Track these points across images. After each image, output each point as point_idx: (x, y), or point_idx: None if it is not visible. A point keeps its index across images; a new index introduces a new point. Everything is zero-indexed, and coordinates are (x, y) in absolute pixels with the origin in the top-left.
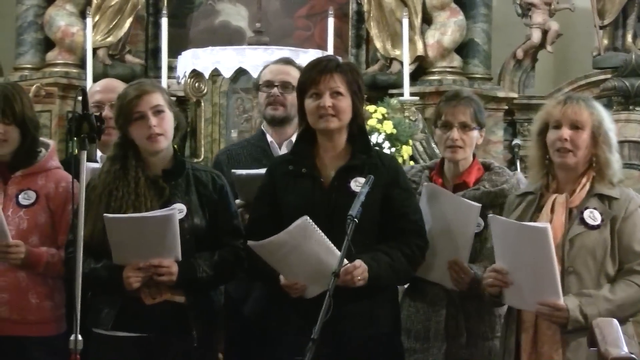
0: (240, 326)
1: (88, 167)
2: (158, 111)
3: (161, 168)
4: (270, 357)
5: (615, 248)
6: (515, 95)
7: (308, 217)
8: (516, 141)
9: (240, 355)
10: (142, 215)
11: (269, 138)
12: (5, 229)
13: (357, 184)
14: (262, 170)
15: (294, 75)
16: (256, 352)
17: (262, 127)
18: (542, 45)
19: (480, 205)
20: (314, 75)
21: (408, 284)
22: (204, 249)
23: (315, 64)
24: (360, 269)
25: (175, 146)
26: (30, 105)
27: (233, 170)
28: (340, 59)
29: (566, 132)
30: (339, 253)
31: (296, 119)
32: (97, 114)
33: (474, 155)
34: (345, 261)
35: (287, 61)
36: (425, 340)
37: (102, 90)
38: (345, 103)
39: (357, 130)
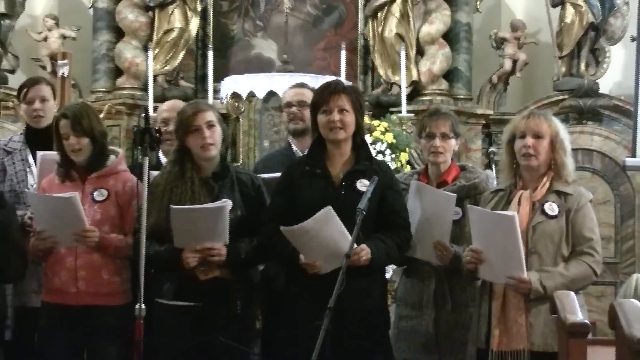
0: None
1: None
2: (210, 125)
3: (211, 171)
4: (288, 321)
5: (569, 234)
6: (491, 112)
7: (331, 207)
8: (492, 149)
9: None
10: (201, 206)
11: (294, 147)
12: (83, 217)
13: (362, 184)
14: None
15: (307, 95)
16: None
17: (289, 140)
18: (512, 72)
19: (455, 195)
20: (324, 95)
21: (405, 266)
22: (245, 235)
23: (326, 87)
24: (364, 251)
25: (223, 154)
26: (98, 120)
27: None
28: (346, 82)
29: (530, 140)
30: (349, 237)
31: None
32: (164, 128)
33: (452, 160)
34: (355, 244)
35: (301, 85)
36: (419, 309)
37: (168, 109)
38: (350, 118)
39: (360, 140)
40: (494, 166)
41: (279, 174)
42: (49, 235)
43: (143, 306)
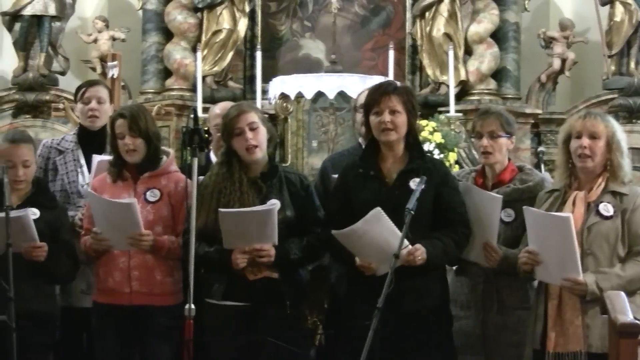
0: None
1: None
2: (253, 127)
3: (259, 171)
4: (344, 321)
5: (625, 234)
6: (539, 111)
7: (380, 209)
8: (541, 148)
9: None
10: (250, 209)
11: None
12: (140, 223)
13: (415, 183)
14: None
15: None
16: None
17: (359, 140)
18: (561, 71)
19: (501, 197)
20: (375, 96)
21: (456, 266)
22: (294, 235)
23: (377, 88)
24: (419, 251)
25: (271, 154)
26: (153, 121)
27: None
28: (397, 82)
29: (585, 141)
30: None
31: None
32: (218, 134)
33: (509, 160)
34: (406, 242)
35: None
36: (468, 309)
37: (221, 114)
38: (402, 119)
39: (413, 140)
40: (542, 166)
41: None
42: (104, 237)
43: (193, 306)
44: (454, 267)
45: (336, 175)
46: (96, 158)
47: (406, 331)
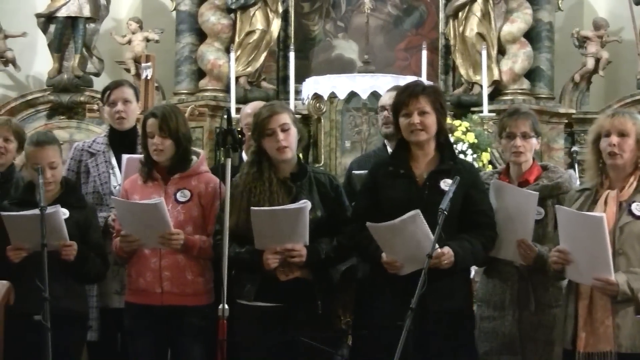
0: None
1: None
2: (285, 128)
3: (289, 172)
4: (368, 319)
5: None
6: (573, 111)
7: (419, 212)
8: (575, 148)
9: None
10: (281, 207)
11: (389, 149)
12: (169, 221)
13: (446, 184)
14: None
15: None
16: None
17: (384, 141)
18: (595, 70)
19: (537, 193)
20: (404, 98)
21: (484, 267)
22: (324, 235)
23: (405, 89)
24: (446, 255)
25: (300, 154)
26: (185, 123)
27: (353, 173)
28: (425, 83)
29: (614, 139)
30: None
31: None
32: (249, 134)
33: (533, 159)
34: (436, 246)
35: (397, 88)
36: (501, 309)
37: (252, 112)
38: (431, 120)
39: (444, 140)
40: (576, 165)
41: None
42: (134, 238)
43: (226, 306)
44: (482, 268)
45: (357, 172)
46: (125, 156)
47: (431, 332)
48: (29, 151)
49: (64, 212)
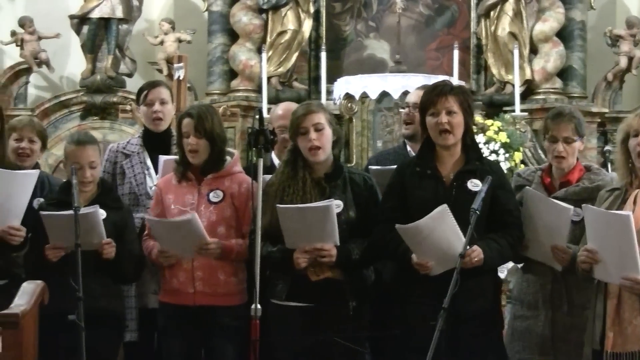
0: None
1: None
2: (319, 128)
3: (324, 172)
4: (399, 320)
5: None
6: (606, 110)
7: (447, 205)
8: (607, 147)
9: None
10: (306, 205)
11: (409, 148)
12: (204, 233)
13: (473, 184)
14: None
15: None
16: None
17: (403, 139)
18: (628, 69)
19: (571, 207)
20: (432, 97)
21: (522, 264)
22: (358, 236)
23: (433, 88)
24: (476, 252)
25: (335, 155)
26: (220, 123)
27: (370, 167)
28: (454, 82)
29: None
30: (463, 237)
31: None
32: (282, 135)
33: (577, 159)
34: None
35: (424, 87)
36: (535, 309)
37: (284, 115)
38: (458, 119)
39: (470, 140)
40: (609, 165)
41: (389, 167)
42: (172, 254)
43: (259, 306)
44: (520, 266)
45: (374, 167)
46: (162, 158)
47: (460, 332)
48: (69, 150)
49: (102, 213)
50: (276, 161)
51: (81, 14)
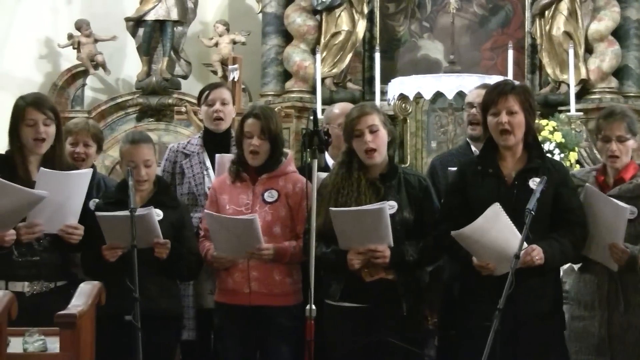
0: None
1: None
2: (373, 130)
3: (379, 172)
4: (462, 321)
5: None
6: None
7: (499, 204)
8: None
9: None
10: (359, 208)
11: (473, 148)
12: (260, 237)
13: (535, 183)
14: None
15: None
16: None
17: (467, 139)
18: None
19: (627, 207)
20: (493, 96)
21: (579, 264)
22: (413, 237)
23: (494, 87)
24: (536, 251)
25: (390, 155)
26: (280, 125)
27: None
28: (515, 82)
29: None
30: (520, 236)
31: None
32: (340, 133)
33: (631, 157)
34: (525, 244)
35: (485, 86)
36: (591, 309)
37: (341, 114)
38: (519, 119)
39: (532, 139)
40: None
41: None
42: (227, 258)
43: (314, 307)
44: (577, 266)
45: (453, 169)
46: (217, 156)
47: (521, 333)
48: (124, 149)
49: (158, 214)
50: (330, 161)
51: (137, 16)
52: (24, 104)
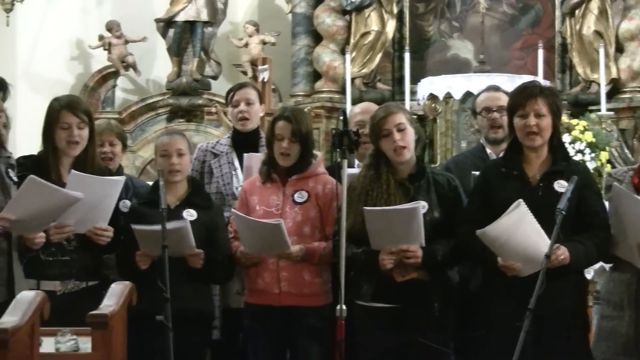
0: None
1: (348, 172)
2: (401, 128)
3: (407, 173)
4: (484, 322)
5: None
6: None
7: (522, 200)
8: None
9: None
10: (394, 207)
11: (488, 150)
12: (287, 240)
13: (559, 185)
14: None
15: (504, 100)
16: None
17: (481, 142)
18: None
19: None
20: (521, 99)
21: (611, 264)
22: (443, 237)
23: (522, 89)
24: (561, 250)
25: (417, 155)
26: (311, 127)
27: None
28: (542, 83)
29: None
30: (547, 237)
31: None
32: (359, 130)
33: None
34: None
35: (496, 88)
36: (620, 309)
37: (361, 112)
38: (547, 122)
39: (557, 141)
40: None
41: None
42: (255, 257)
43: (344, 307)
44: (608, 266)
45: (477, 173)
46: (246, 155)
47: (545, 333)
48: (158, 142)
49: (192, 214)
50: (356, 162)
51: (167, 17)
52: (58, 107)
